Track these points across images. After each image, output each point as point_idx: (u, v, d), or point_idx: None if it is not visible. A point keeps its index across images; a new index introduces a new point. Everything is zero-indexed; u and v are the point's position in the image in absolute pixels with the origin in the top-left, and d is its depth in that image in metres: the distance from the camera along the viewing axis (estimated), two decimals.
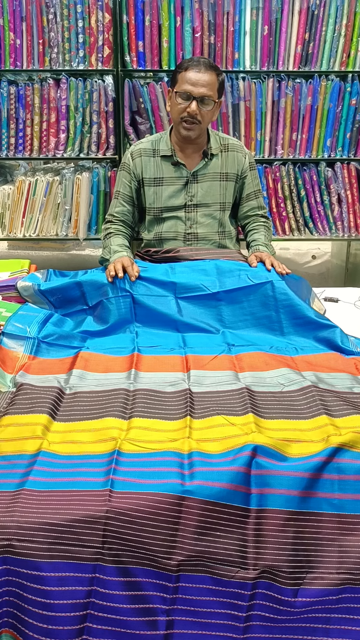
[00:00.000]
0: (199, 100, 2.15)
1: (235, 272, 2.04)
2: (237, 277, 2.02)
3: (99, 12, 2.82)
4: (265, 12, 2.85)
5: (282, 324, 1.95)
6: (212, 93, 2.17)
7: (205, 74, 2.14)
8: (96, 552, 1.17)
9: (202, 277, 2.03)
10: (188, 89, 2.14)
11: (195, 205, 2.34)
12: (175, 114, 2.21)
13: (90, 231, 3.15)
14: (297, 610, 1.21)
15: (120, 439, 1.37)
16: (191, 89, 2.14)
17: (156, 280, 2.02)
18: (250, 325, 1.97)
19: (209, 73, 2.15)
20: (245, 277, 2.02)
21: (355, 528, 1.25)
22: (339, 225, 3.18)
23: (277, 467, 1.27)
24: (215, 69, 2.19)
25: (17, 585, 1.15)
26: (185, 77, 2.15)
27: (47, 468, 1.29)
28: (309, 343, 1.89)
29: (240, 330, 1.96)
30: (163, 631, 1.18)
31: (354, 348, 1.85)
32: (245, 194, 2.42)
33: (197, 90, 2.14)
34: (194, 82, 2.14)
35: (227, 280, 2.02)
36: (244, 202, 2.43)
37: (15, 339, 1.79)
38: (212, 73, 2.16)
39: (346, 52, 2.95)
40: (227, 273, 2.04)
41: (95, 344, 1.87)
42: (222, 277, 2.03)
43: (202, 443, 1.35)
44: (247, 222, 2.46)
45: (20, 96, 2.93)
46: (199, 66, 2.15)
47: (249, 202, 2.43)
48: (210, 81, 2.15)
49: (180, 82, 2.17)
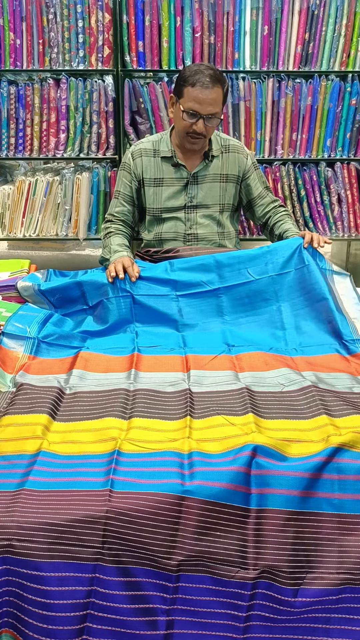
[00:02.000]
0: (206, 118, 2.14)
1: (235, 267, 2.03)
2: (237, 272, 2.02)
3: (99, 12, 2.82)
4: (265, 12, 2.84)
5: (283, 318, 1.95)
6: (218, 110, 2.15)
7: (212, 92, 2.10)
8: (96, 552, 1.17)
9: (202, 273, 2.03)
10: (195, 108, 2.12)
11: (195, 207, 2.34)
12: (180, 127, 2.20)
13: (90, 231, 3.15)
14: (297, 610, 1.21)
15: (120, 439, 1.37)
16: (198, 107, 2.12)
17: (156, 278, 2.02)
18: (251, 320, 1.97)
19: (215, 89, 2.11)
20: (245, 272, 2.02)
21: (355, 528, 1.25)
22: (339, 225, 3.18)
23: (277, 467, 1.27)
24: (221, 82, 2.15)
25: (17, 585, 1.15)
26: (192, 94, 2.11)
27: (47, 468, 1.29)
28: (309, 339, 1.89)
29: (242, 326, 1.96)
30: (163, 631, 1.18)
31: (355, 335, 1.84)
32: (255, 194, 2.40)
33: (205, 109, 2.12)
34: (201, 101, 2.11)
35: (228, 275, 2.02)
36: (258, 202, 2.42)
37: (15, 339, 1.79)
38: (218, 89, 2.12)
39: (346, 52, 2.95)
40: (226, 268, 2.03)
41: (95, 344, 1.87)
42: (222, 272, 2.03)
43: (202, 443, 1.35)
44: (268, 218, 2.42)
45: (20, 96, 2.93)
46: (205, 81, 2.09)
47: (263, 200, 2.42)
48: (217, 98, 2.13)
49: (186, 97, 2.13)
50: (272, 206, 2.43)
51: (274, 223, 2.39)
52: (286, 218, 2.39)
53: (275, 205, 2.44)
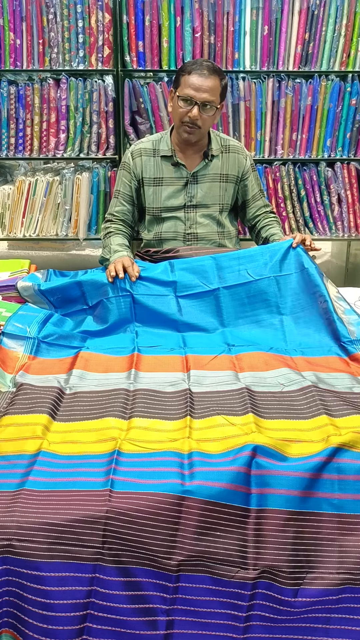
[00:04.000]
0: (201, 106, 2.15)
1: (234, 268, 2.04)
2: (236, 273, 2.02)
3: (99, 12, 2.82)
4: (265, 12, 2.84)
5: (283, 320, 1.95)
6: (214, 98, 2.16)
7: (208, 79, 2.13)
8: (96, 552, 1.17)
9: (202, 275, 2.03)
10: (190, 94, 2.13)
11: (194, 206, 2.34)
12: (176, 116, 2.21)
13: (90, 231, 3.15)
14: (297, 610, 1.21)
15: (120, 439, 1.37)
16: (193, 93, 2.13)
17: (156, 279, 2.02)
18: (250, 322, 1.97)
19: (212, 78, 2.14)
20: (245, 272, 2.02)
21: (355, 528, 1.25)
22: (339, 225, 3.18)
23: (277, 467, 1.27)
24: (219, 73, 2.18)
25: (17, 585, 1.15)
26: (188, 81, 2.14)
27: (47, 468, 1.29)
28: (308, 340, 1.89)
29: (241, 327, 1.96)
30: (163, 631, 1.18)
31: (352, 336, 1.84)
32: (250, 195, 2.42)
33: (200, 96, 2.13)
34: (197, 87, 2.13)
35: (227, 276, 2.02)
36: (251, 204, 2.43)
37: (15, 339, 1.79)
38: (215, 78, 2.15)
39: (346, 52, 2.94)
40: (226, 269, 2.04)
41: (95, 343, 1.87)
42: (221, 273, 2.03)
43: (202, 443, 1.35)
44: (257, 221, 2.46)
45: (20, 96, 2.93)
46: (202, 70, 2.13)
47: (256, 202, 2.44)
48: (213, 86, 2.15)
49: (183, 85, 2.16)
50: (263, 210, 2.45)
51: (262, 227, 2.43)
52: (274, 223, 2.43)
53: (266, 210, 2.46)
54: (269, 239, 2.34)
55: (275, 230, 2.37)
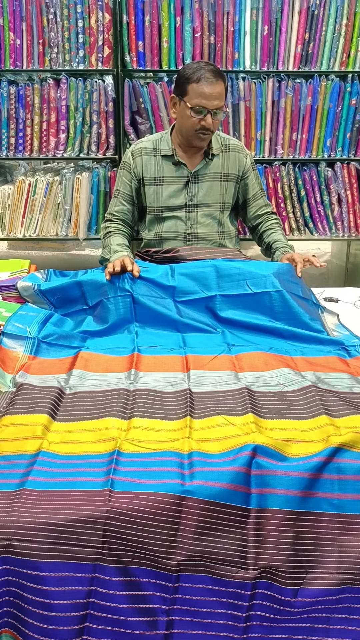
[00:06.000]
0: (212, 113, 2.16)
1: (234, 277, 2.02)
2: (236, 283, 2.01)
3: (99, 12, 2.82)
4: (265, 12, 2.85)
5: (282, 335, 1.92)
6: (223, 103, 2.20)
7: (216, 85, 2.14)
8: (96, 552, 1.17)
9: (201, 281, 2.02)
10: (202, 103, 2.14)
11: (195, 205, 2.34)
12: (187, 125, 2.21)
13: (90, 231, 3.15)
14: (297, 610, 1.21)
15: (120, 439, 1.37)
16: (205, 102, 2.14)
17: (156, 282, 2.02)
18: (246, 332, 1.95)
19: (218, 83, 2.15)
20: (244, 284, 2.00)
21: (355, 528, 1.25)
22: (339, 225, 3.18)
23: (277, 467, 1.27)
24: (222, 76, 2.19)
25: (17, 585, 1.15)
26: (197, 90, 2.14)
27: (47, 468, 1.29)
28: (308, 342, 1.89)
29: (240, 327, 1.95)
30: (163, 631, 1.18)
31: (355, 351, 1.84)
32: (251, 194, 2.42)
33: (211, 104, 2.15)
34: (207, 96, 2.14)
35: (226, 285, 2.01)
36: (252, 203, 2.44)
37: (15, 339, 1.79)
38: (220, 82, 2.17)
39: (346, 52, 2.95)
40: (226, 277, 2.02)
41: (95, 343, 1.87)
42: (221, 281, 2.02)
43: (202, 443, 1.35)
44: (259, 222, 2.46)
45: (20, 96, 2.93)
46: (208, 77, 2.13)
47: (256, 201, 2.44)
48: (221, 91, 2.17)
49: (191, 94, 2.15)
50: (264, 210, 2.45)
51: (264, 230, 2.43)
52: (277, 227, 2.44)
53: (267, 210, 2.47)
54: (272, 245, 2.35)
55: (278, 236, 2.38)
